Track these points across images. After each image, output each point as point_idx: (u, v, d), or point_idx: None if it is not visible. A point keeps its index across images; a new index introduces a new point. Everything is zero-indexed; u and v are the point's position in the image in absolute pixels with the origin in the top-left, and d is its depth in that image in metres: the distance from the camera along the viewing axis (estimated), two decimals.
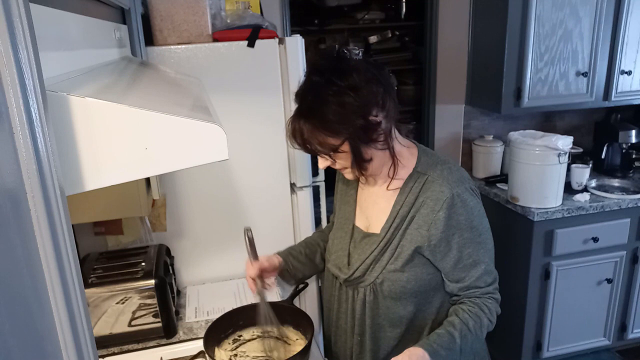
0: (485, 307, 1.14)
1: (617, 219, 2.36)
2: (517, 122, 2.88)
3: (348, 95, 1.02)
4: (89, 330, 0.51)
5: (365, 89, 1.04)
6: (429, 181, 1.13)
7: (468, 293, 1.15)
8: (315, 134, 1.06)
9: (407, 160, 1.17)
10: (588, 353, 2.63)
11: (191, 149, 0.60)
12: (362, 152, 1.09)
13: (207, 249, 1.76)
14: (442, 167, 1.15)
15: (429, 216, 1.11)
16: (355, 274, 1.20)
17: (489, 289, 1.16)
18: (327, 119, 1.04)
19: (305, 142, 1.09)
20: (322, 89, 1.04)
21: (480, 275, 1.13)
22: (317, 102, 1.04)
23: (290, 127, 1.10)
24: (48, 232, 0.45)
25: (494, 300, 1.17)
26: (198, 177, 1.68)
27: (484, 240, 1.14)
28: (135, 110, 0.56)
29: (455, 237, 1.11)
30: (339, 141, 1.06)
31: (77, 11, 0.84)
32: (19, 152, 0.42)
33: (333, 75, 1.04)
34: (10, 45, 0.41)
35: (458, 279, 1.14)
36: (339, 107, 1.03)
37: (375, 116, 1.06)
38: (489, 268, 1.15)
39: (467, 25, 2.69)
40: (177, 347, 1.45)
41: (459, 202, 1.10)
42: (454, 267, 1.13)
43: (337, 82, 1.03)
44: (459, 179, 1.12)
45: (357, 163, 1.10)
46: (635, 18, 2.41)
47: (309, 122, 1.06)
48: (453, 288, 1.16)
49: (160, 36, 1.57)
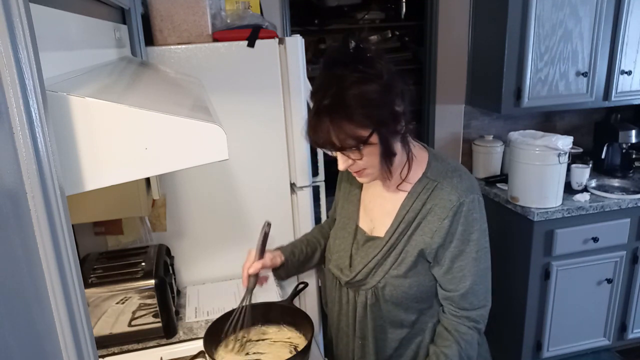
0: (463, 342, 1.11)
1: (617, 219, 2.36)
2: (517, 122, 2.88)
3: (373, 83, 0.98)
4: (89, 330, 0.51)
5: (387, 77, 1.00)
6: (438, 188, 1.11)
7: (450, 309, 1.13)
8: (342, 128, 0.99)
9: (417, 164, 1.15)
10: (588, 353, 2.63)
11: (191, 149, 0.60)
12: (391, 144, 1.04)
13: (207, 249, 1.76)
14: (453, 174, 1.12)
15: (435, 224, 1.10)
16: (357, 277, 1.18)
17: (472, 314, 1.11)
18: (353, 109, 0.98)
19: (331, 139, 1.01)
20: (344, 80, 0.99)
21: (466, 292, 1.10)
22: (339, 94, 0.98)
23: (312, 125, 1.03)
24: (48, 232, 0.45)
25: (475, 330, 1.12)
26: (198, 177, 1.68)
27: (479, 258, 1.10)
28: (135, 110, 0.56)
29: (451, 246, 1.09)
30: (367, 131, 1.00)
31: (77, 11, 0.84)
32: (19, 152, 0.42)
33: (355, 63, 0.99)
34: (10, 45, 0.41)
35: (445, 288, 1.13)
36: (363, 97, 0.98)
37: (398, 106, 1.03)
38: (477, 288, 1.11)
39: (467, 25, 2.69)
40: (177, 347, 1.45)
41: (464, 210, 1.08)
42: (443, 276, 1.12)
43: (361, 68, 0.98)
44: (468, 188, 1.10)
45: (385, 156, 1.05)
46: (635, 18, 2.41)
47: (334, 116, 0.99)
48: (440, 293, 1.15)
49: (160, 36, 1.57)
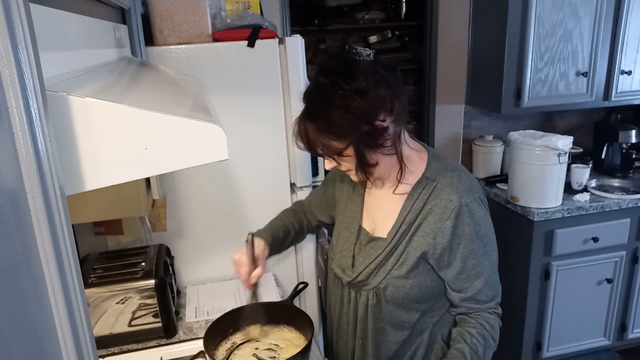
0: (488, 325, 1.13)
1: (617, 219, 2.36)
2: (517, 122, 2.88)
3: (354, 100, 1.00)
4: (89, 330, 0.51)
5: (373, 93, 1.01)
6: (437, 188, 1.11)
7: (470, 306, 1.14)
8: (320, 137, 1.05)
9: (416, 165, 1.15)
10: (588, 353, 2.63)
11: (191, 149, 0.60)
12: (367, 157, 1.07)
13: (207, 249, 1.76)
14: (452, 174, 1.12)
15: (436, 224, 1.10)
16: (359, 277, 1.19)
17: (491, 304, 1.15)
18: (332, 122, 1.02)
19: (309, 143, 1.08)
20: (328, 92, 1.02)
21: (482, 287, 1.12)
22: (322, 104, 1.03)
23: (297, 127, 1.09)
24: (48, 232, 0.45)
25: (496, 315, 1.15)
26: (198, 177, 1.68)
27: (488, 252, 1.12)
28: (135, 110, 0.56)
29: (461, 247, 1.09)
30: (343, 145, 1.04)
31: (77, 11, 0.84)
32: (19, 152, 0.42)
33: (339, 78, 1.01)
34: (10, 45, 0.41)
35: (460, 289, 1.13)
36: (344, 112, 1.00)
37: (382, 121, 1.04)
38: (491, 280, 1.14)
39: (467, 25, 2.69)
40: (177, 347, 1.45)
41: (467, 212, 1.08)
42: (457, 277, 1.12)
43: (344, 85, 1.00)
44: (468, 188, 1.10)
45: (361, 167, 1.09)
46: (635, 18, 2.41)
47: (314, 124, 1.04)
48: (455, 297, 1.15)
49: (160, 36, 1.57)
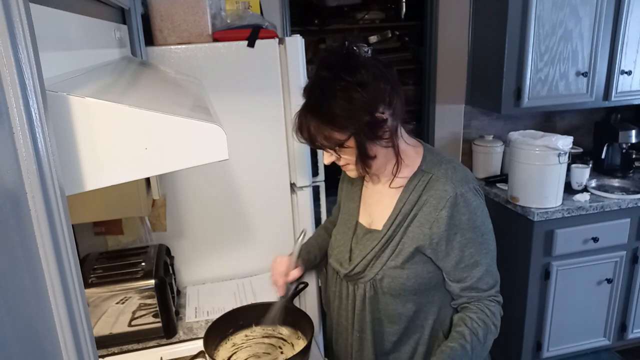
0: (489, 311, 1.14)
1: (617, 219, 2.36)
2: (517, 122, 2.88)
3: (356, 91, 1.03)
4: (89, 330, 0.51)
5: (373, 86, 1.04)
6: (432, 180, 1.13)
7: (470, 295, 1.15)
8: (322, 129, 1.07)
9: (412, 159, 1.18)
10: (588, 353, 2.63)
11: (191, 149, 0.60)
12: (367, 149, 1.09)
13: (207, 249, 1.76)
14: (447, 165, 1.15)
15: (431, 214, 1.11)
16: (356, 269, 1.20)
17: (491, 292, 1.16)
18: (333, 114, 1.05)
19: (311, 136, 1.10)
20: (330, 84, 1.05)
21: (482, 276, 1.13)
22: (324, 97, 1.05)
23: (297, 121, 1.11)
24: (48, 232, 0.45)
25: (496, 303, 1.17)
26: (198, 177, 1.68)
27: (486, 241, 1.14)
28: (135, 110, 0.56)
29: (457, 236, 1.11)
30: (344, 136, 1.07)
31: (77, 11, 0.84)
32: (19, 152, 0.42)
33: (341, 70, 1.04)
34: (10, 45, 0.40)
35: (459, 278, 1.14)
36: (346, 103, 1.03)
37: (381, 113, 1.07)
38: (490, 269, 1.15)
39: (467, 25, 2.69)
40: (177, 347, 1.45)
41: (462, 201, 1.10)
42: (455, 266, 1.13)
43: (346, 77, 1.03)
44: (463, 178, 1.13)
45: (361, 159, 1.11)
46: (635, 18, 2.41)
47: (316, 117, 1.07)
48: (454, 288, 1.16)
49: (160, 36, 1.57)
